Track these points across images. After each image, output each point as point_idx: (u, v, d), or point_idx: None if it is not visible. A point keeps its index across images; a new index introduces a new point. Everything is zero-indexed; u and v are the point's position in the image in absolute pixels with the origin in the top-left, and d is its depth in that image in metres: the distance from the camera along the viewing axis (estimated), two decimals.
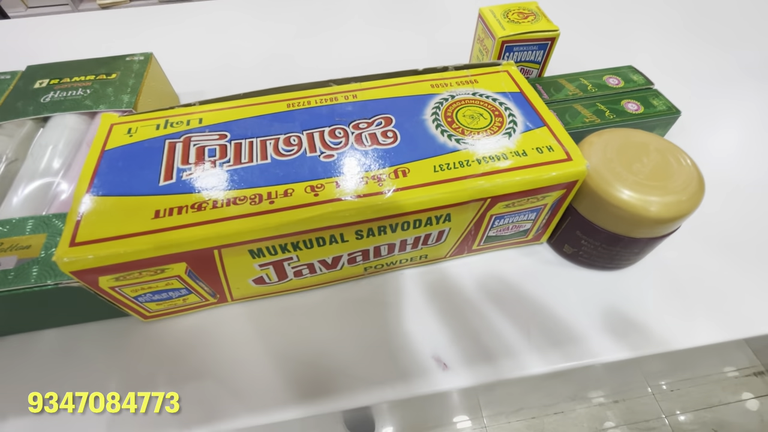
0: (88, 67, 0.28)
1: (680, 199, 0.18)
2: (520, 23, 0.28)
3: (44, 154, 0.23)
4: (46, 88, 0.26)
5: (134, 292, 0.18)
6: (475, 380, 0.20)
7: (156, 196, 0.18)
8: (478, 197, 0.18)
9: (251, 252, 0.18)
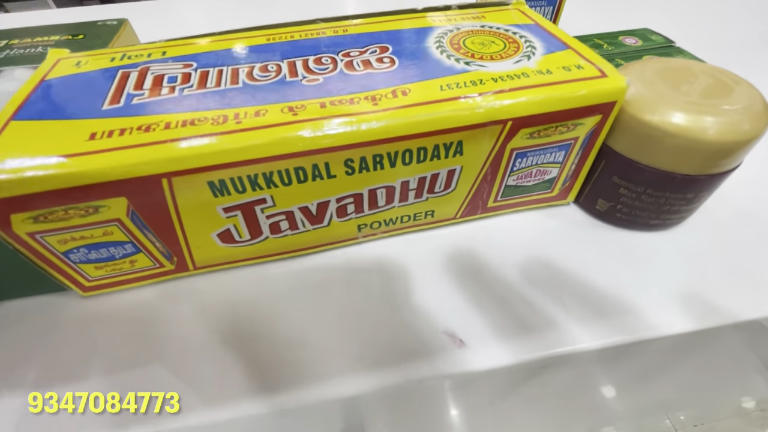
0: (55, 30, 0.26)
1: (743, 119, 0.15)
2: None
3: None
4: (2, 47, 0.24)
5: (63, 245, 0.14)
6: (504, 359, 0.15)
7: (95, 119, 0.14)
8: (495, 118, 0.15)
9: (212, 186, 0.14)
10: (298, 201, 0.15)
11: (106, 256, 0.15)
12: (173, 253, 0.16)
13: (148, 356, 0.15)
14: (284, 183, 0.14)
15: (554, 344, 0.15)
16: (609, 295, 0.17)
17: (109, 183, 0.13)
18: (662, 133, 0.15)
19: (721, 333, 0.16)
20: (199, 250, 0.16)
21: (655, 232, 0.19)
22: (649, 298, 0.17)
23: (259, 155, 0.13)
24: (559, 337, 0.16)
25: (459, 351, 0.15)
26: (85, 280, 0.16)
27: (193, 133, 0.13)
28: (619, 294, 0.17)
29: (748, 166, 0.21)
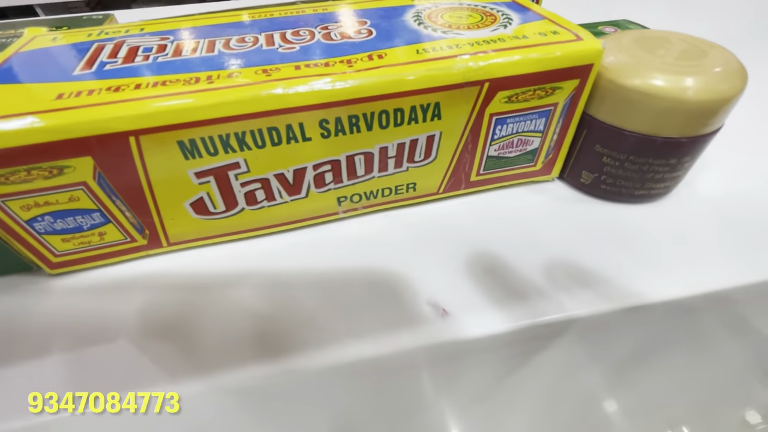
0: (40, 24, 0.26)
1: (720, 78, 0.15)
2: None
3: None
4: None
5: (26, 212, 0.14)
6: (488, 328, 0.15)
7: (64, 82, 0.14)
8: (471, 79, 0.14)
9: (182, 147, 0.13)
10: (273, 167, 0.15)
11: (73, 227, 0.15)
12: (145, 225, 0.16)
13: (117, 337, 0.15)
14: (258, 145, 0.14)
15: (540, 313, 0.15)
16: (595, 266, 0.16)
17: (74, 140, 0.12)
18: (642, 95, 0.15)
19: (707, 302, 0.16)
20: (173, 222, 0.16)
21: (640, 204, 0.19)
22: (637, 268, 0.16)
23: (230, 113, 0.13)
24: (545, 306, 0.15)
25: (442, 321, 0.15)
26: (52, 254, 0.16)
27: (163, 92, 0.13)
28: (605, 264, 0.16)
29: (730, 136, 0.21)
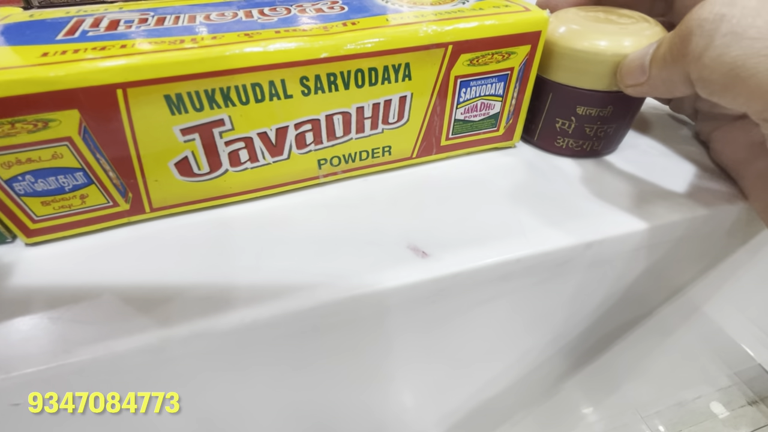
0: None
1: (649, 37, 0.17)
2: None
3: None
4: None
5: (6, 170, 0.14)
6: (463, 265, 0.16)
7: (48, 44, 0.14)
8: (437, 41, 0.16)
9: (169, 101, 0.14)
10: (256, 125, 0.16)
11: (54, 188, 0.15)
12: (128, 187, 0.16)
13: (98, 305, 0.15)
14: (242, 101, 0.15)
15: (509, 251, 0.16)
16: (566, 209, 0.18)
17: (61, 92, 0.13)
18: (592, 55, 0.17)
19: (660, 231, 0.18)
20: (157, 184, 0.16)
21: (594, 158, 0.21)
22: (595, 209, 0.18)
23: (214, 68, 0.14)
24: (514, 244, 0.16)
25: (422, 260, 0.16)
26: (30, 220, 0.15)
27: (150, 49, 0.14)
28: (575, 208, 0.18)
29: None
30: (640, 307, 0.25)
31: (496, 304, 0.18)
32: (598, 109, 0.19)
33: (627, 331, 0.29)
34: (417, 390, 0.24)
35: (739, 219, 0.19)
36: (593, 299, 0.22)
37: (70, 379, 0.13)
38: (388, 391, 0.23)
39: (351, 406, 0.22)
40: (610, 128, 0.20)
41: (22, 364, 0.13)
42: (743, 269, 0.27)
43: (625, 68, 0.17)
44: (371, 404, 0.23)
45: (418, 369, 0.21)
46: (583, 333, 0.25)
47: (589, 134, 0.20)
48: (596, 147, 0.20)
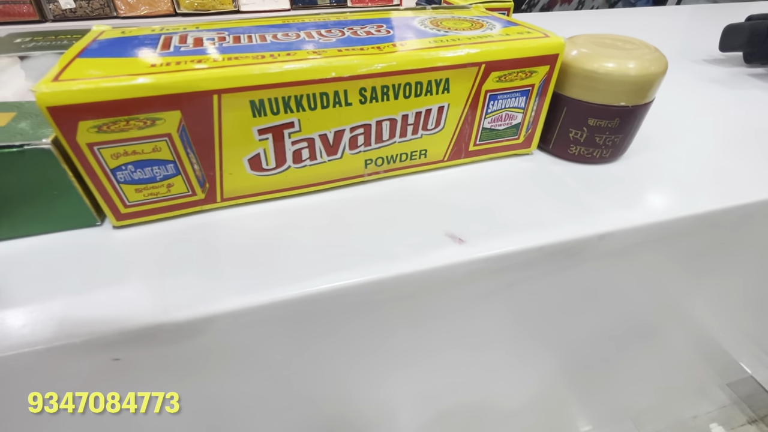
0: (74, 31, 0.29)
1: (651, 61, 0.20)
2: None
3: (17, 80, 0.22)
4: (28, 41, 0.26)
5: (114, 160, 0.16)
6: (494, 250, 0.18)
7: (152, 57, 0.17)
8: (473, 60, 0.19)
9: (253, 106, 0.17)
10: (319, 127, 0.19)
11: (148, 177, 0.17)
12: (207, 178, 0.18)
13: (180, 273, 0.17)
14: (311, 107, 0.18)
15: (533, 240, 0.19)
16: (574, 206, 0.21)
17: (169, 96, 0.16)
18: (601, 75, 0.20)
19: (659, 228, 0.21)
20: (230, 176, 0.19)
21: (602, 165, 0.24)
22: (606, 207, 0.21)
23: (293, 79, 0.17)
24: (536, 234, 0.19)
25: (459, 246, 0.18)
26: (123, 204, 0.18)
27: (238, 63, 0.17)
28: (582, 205, 0.21)
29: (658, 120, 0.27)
30: (644, 307, 0.28)
31: (517, 290, 0.21)
32: (608, 121, 0.22)
33: (627, 343, 0.31)
34: (432, 374, 0.26)
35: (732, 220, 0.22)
36: (603, 294, 0.24)
37: (166, 336, 0.15)
38: (411, 371, 0.25)
39: (380, 384, 0.24)
40: (618, 138, 0.22)
41: (125, 322, 0.15)
42: (744, 275, 0.29)
43: None
44: (394, 384, 0.25)
45: (439, 349, 0.24)
46: (589, 336, 0.28)
47: (599, 143, 0.23)
48: (605, 155, 0.23)
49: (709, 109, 0.32)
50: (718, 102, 0.33)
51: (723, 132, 0.28)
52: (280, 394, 0.21)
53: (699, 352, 0.45)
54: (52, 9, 1.10)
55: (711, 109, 0.32)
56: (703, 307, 0.33)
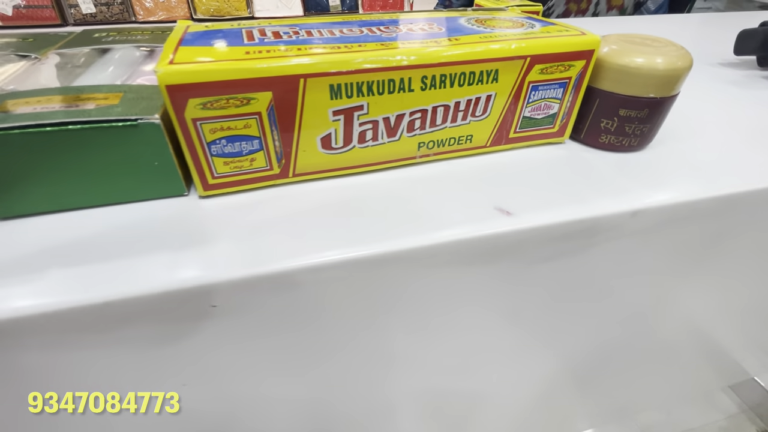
0: (144, 30, 0.31)
1: (677, 57, 0.23)
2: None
3: (108, 68, 0.24)
4: (104, 36, 0.29)
5: (212, 134, 0.19)
6: (539, 222, 0.20)
7: (244, 46, 0.19)
8: (521, 53, 0.21)
9: (331, 90, 0.19)
10: (384, 111, 0.21)
11: (236, 151, 0.20)
12: (284, 155, 0.21)
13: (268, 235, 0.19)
14: (379, 92, 0.20)
15: (573, 214, 0.21)
16: (608, 187, 0.23)
17: (263, 79, 0.18)
18: (632, 69, 0.23)
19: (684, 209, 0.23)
20: (304, 153, 0.21)
21: (630, 153, 0.26)
22: (637, 189, 0.23)
23: (367, 66, 0.19)
24: (576, 209, 0.21)
25: (508, 218, 0.20)
26: (211, 176, 0.20)
27: (319, 52, 0.19)
28: (615, 186, 0.23)
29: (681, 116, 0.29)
30: (661, 295, 0.30)
31: (557, 264, 0.23)
32: (637, 111, 0.24)
33: (637, 349, 0.33)
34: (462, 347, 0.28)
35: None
36: (632, 273, 0.26)
37: (260, 284, 0.18)
38: (442, 342, 0.27)
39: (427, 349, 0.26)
40: (646, 128, 0.25)
41: (222, 274, 0.17)
42: (757, 267, 0.31)
43: None
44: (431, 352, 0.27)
45: (473, 322, 0.26)
46: (606, 328, 0.30)
47: (628, 132, 0.25)
48: (633, 143, 0.25)
49: (725, 107, 0.34)
50: (734, 101, 0.35)
51: (740, 127, 0.30)
52: (356, 347, 0.23)
53: (711, 365, 0.46)
54: (73, 13, 1.14)
55: (728, 107, 0.34)
56: (714, 305, 0.34)
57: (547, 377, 0.34)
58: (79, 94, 0.19)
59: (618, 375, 0.38)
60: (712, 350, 0.44)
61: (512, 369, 0.31)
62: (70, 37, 0.29)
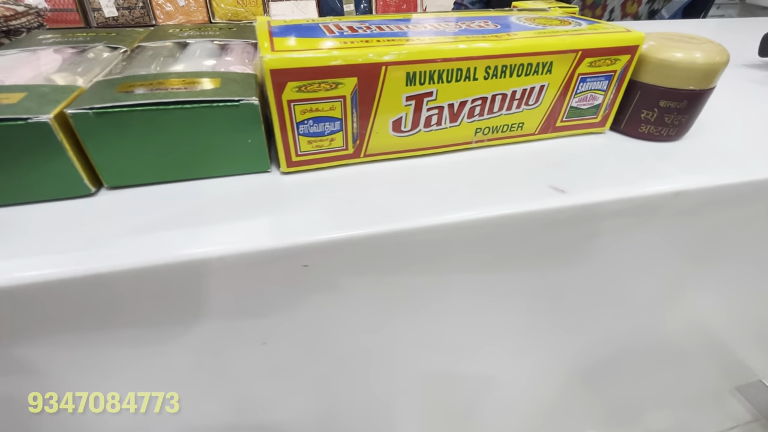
0: (219, 26, 0.34)
1: (714, 53, 0.25)
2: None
3: (196, 58, 0.27)
4: (179, 32, 0.31)
5: (301, 115, 0.21)
6: (591, 199, 0.22)
7: (328, 37, 0.22)
8: (574, 47, 0.24)
9: (408, 77, 0.21)
10: (450, 97, 0.23)
11: (320, 131, 0.22)
12: (359, 136, 0.23)
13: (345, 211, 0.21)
14: (447, 80, 0.22)
15: (622, 192, 0.23)
16: (650, 171, 0.25)
17: (351, 65, 0.20)
18: (671, 63, 0.25)
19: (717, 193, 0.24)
20: (376, 135, 0.23)
21: (668, 142, 0.28)
22: (677, 173, 0.25)
23: (439, 57, 0.21)
24: (623, 189, 0.23)
25: (562, 195, 0.22)
26: (295, 153, 0.22)
27: (398, 43, 0.21)
28: (657, 170, 0.25)
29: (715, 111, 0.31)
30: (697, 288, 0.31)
31: (606, 240, 0.25)
32: (677, 103, 0.26)
33: (646, 348, 0.35)
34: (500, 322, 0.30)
35: None
36: (673, 252, 0.28)
37: (342, 248, 0.20)
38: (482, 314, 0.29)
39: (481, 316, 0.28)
40: (684, 118, 0.27)
41: (311, 238, 0.19)
42: None
43: None
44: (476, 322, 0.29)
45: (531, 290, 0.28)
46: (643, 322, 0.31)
47: (667, 122, 0.27)
48: (671, 133, 0.27)
49: (753, 105, 0.36)
50: (761, 99, 0.37)
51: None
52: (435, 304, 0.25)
53: (723, 372, 0.47)
54: (96, 17, 1.18)
55: (755, 104, 0.36)
56: (736, 303, 0.36)
57: (554, 377, 0.36)
58: (184, 78, 0.22)
59: (626, 376, 0.40)
60: (725, 350, 0.45)
61: (524, 362, 0.33)
62: (144, 33, 0.31)
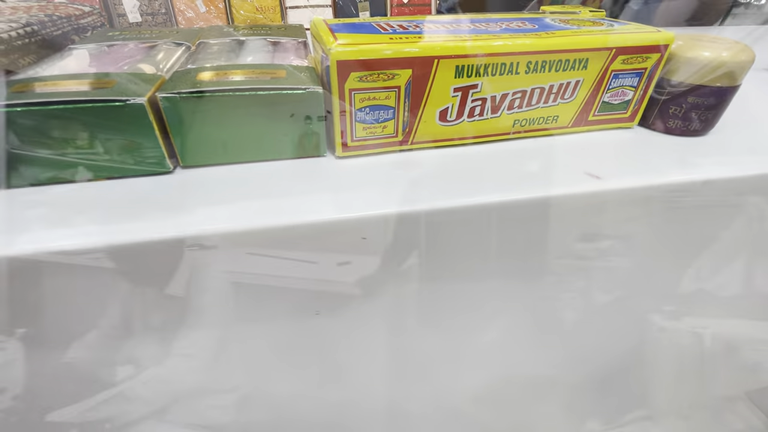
0: (270, 25, 0.36)
1: (740, 52, 0.26)
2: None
3: (256, 52, 0.29)
4: (233, 31, 0.34)
5: (360, 103, 0.23)
6: (622, 185, 0.24)
7: (383, 34, 0.24)
8: (608, 45, 0.25)
9: (457, 69, 0.23)
10: (493, 90, 0.25)
11: (374, 118, 0.24)
12: (408, 124, 0.25)
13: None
14: (492, 73, 0.24)
15: (652, 179, 0.24)
16: (679, 161, 0.26)
17: (406, 58, 0.22)
18: (698, 60, 0.26)
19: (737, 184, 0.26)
20: (424, 124, 0.25)
21: (695, 137, 0.29)
22: (704, 164, 0.26)
23: (486, 51, 0.23)
24: (654, 176, 0.25)
25: (598, 181, 0.24)
26: (351, 139, 0.25)
27: (447, 40, 0.23)
28: (685, 161, 0.26)
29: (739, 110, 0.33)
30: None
31: (634, 226, 0.26)
32: (704, 99, 0.27)
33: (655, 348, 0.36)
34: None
35: None
36: (699, 242, 0.29)
37: (396, 224, 0.22)
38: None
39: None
40: (711, 114, 0.28)
41: (368, 213, 0.21)
42: None
43: None
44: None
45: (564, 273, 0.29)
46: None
47: (695, 118, 0.28)
48: (698, 128, 0.29)
49: None
50: None
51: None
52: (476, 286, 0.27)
53: (736, 379, 0.47)
54: (120, 23, 1.23)
55: None
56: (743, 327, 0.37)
57: (562, 377, 0.37)
58: (253, 69, 0.24)
59: (635, 377, 0.40)
60: (738, 354, 0.46)
61: (535, 355, 0.34)
62: (201, 32, 0.34)
